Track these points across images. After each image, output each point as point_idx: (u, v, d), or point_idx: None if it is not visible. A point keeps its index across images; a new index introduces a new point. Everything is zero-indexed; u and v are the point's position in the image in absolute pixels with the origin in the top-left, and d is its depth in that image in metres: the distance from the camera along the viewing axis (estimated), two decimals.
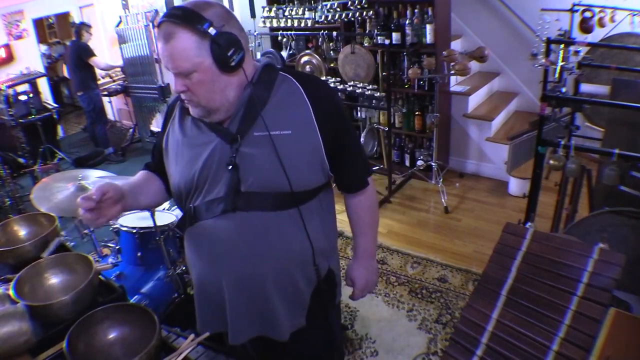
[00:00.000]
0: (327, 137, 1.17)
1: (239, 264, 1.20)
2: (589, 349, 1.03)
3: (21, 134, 4.36)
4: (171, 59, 1.03)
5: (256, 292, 1.22)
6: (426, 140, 4.05)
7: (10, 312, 1.15)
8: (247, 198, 1.15)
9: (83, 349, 1.12)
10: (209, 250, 1.23)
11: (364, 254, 1.42)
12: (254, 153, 1.13)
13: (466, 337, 1.20)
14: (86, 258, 1.42)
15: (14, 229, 1.72)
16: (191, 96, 1.10)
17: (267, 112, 1.13)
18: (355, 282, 1.44)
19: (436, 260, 3.00)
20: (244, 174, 1.14)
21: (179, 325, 1.89)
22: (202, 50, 1.02)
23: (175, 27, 1.01)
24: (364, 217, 1.39)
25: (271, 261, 1.20)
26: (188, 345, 1.17)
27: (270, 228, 1.18)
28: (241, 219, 1.16)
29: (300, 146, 1.15)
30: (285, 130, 1.13)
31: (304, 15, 3.77)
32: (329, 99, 1.21)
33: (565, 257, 1.21)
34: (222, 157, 1.14)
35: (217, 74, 1.06)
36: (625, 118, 2.04)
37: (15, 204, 3.86)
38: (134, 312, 1.22)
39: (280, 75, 1.18)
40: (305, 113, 1.15)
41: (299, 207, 1.17)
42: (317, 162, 1.19)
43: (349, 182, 1.34)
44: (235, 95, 1.12)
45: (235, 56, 1.04)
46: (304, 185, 1.17)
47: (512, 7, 4.10)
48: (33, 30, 6.29)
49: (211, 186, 1.17)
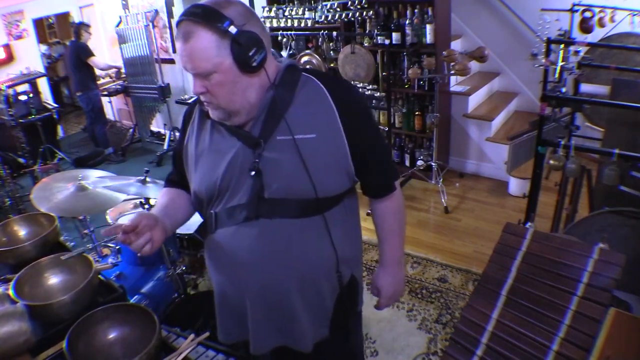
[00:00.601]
0: (353, 141, 1.12)
1: (262, 272, 1.16)
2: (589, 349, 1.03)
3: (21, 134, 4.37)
4: (190, 59, 0.99)
5: (279, 302, 1.19)
6: (426, 140, 4.04)
7: (10, 312, 1.14)
8: (270, 205, 1.11)
9: (83, 349, 1.12)
10: (231, 259, 1.19)
11: (390, 262, 1.36)
12: (278, 158, 1.08)
13: (466, 337, 1.20)
14: (86, 258, 1.42)
15: (14, 229, 1.72)
16: (211, 98, 1.05)
17: (291, 114, 1.09)
18: (382, 291, 1.37)
19: (436, 260, 3.00)
20: (267, 180, 1.09)
21: (179, 325, 1.89)
22: (223, 49, 0.98)
23: (195, 25, 0.97)
24: (391, 223, 1.33)
25: (295, 270, 1.16)
26: (188, 345, 1.17)
27: (294, 236, 1.14)
28: (264, 226, 1.12)
29: (326, 150, 1.10)
30: (309, 134, 1.08)
31: (304, 15, 3.77)
32: (355, 101, 1.17)
33: (565, 257, 1.21)
34: (244, 162, 1.10)
35: (238, 75, 1.02)
36: (625, 118, 2.04)
37: (15, 204, 3.86)
38: (134, 312, 1.22)
39: (302, 76, 1.13)
40: (330, 115, 1.10)
41: (323, 213, 1.14)
42: (342, 167, 1.14)
43: (375, 187, 1.28)
44: (256, 97, 1.08)
45: (257, 56, 1.00)
46: (329, 191, 1.13)
47: (512, 7, 4.10)
48: (33, 30, 6.29)
49: (233, 192, 1.13)
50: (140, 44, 5.28)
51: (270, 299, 1.18)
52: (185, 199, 1.31)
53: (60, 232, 1.71)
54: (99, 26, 6.24)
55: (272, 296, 1.18)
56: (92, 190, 2.17)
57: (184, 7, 5.15)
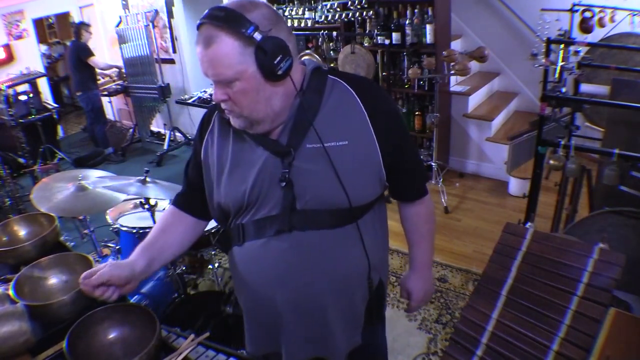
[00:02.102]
0: (385, 146, 1.07)
1: (296, 285, 1.12)
2: (589, 349, 1.03)
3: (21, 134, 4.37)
4: (211, 65, 0.94)
5: (313, 313, 1.15)
6: (426, 140, 4.05)
7: (9, 311, 1.14)
8: (303, 216, 1.06)
9: (83, 349, 1.12)
10: (262, 271, 1.14)
11: (421, 265, 1.34)
12: (309, 168, 1.03)
13: (466, 337, 1.20)
14: (86, 258, 1.42)
15: (14, 229, 1.72)
16: (232, 106, 1.00)
17: (320, 121, 1.03)
18: (412, 293, 1.36)
19: (436, 260, 3.00)
20: (299, 191, 1.04)
21: (179, 325, 1.89)
22: (246, 56, 0.92)
23: (217, 30, 0.91)
24: (422, 227, 1.31)
25: (330, 280, 1.13)
26: (188, 345, 1.17)
27: (328, 246, 1.10)
28: (297, 238, 1.08)
29: (358, 157, 1.05)
30: (341, 141, 1.03)
31: (304, 15, 3.77)
32: (386, 104, 1.12)
33: (565, 257, 1.21)
34: (273, 172, 1.04)
35: (262, 83, 0.96)
36: (625, 118, 2.04)
37: (15, 204, 3.86)
38: (134, 312, 1.22)
39: (329, 79, 1.07)
40: (362, 121, 1.05)
41: (357, 222, 1.10)
42: (375, 174, 1.10)
43: (406, 192, 1.25)
44: (281, 105, 1.02)
45: (283, 64, 0.94)
46: (362, 199, 1.09)
47: (512, 7, 4.10)
48: (33, 30, 6.30)
49: (262, 204, 1.08)
50: (140, 44, 5.28)
51: (303, 310, 1.15)
52: (185, 227, 1.26)
53: (60, 232, 1.70)
54: (99, 26, 6.25)
55: (306, 308, 1.15)
56: (92, 190, 2.18)
57: (184, 7, 5.15)
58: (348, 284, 1.16)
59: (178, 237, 1.26)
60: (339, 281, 1.14)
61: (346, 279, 1.15)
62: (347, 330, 1.20)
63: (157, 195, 2.11)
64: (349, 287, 1.16)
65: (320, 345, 1.19)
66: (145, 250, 1.19)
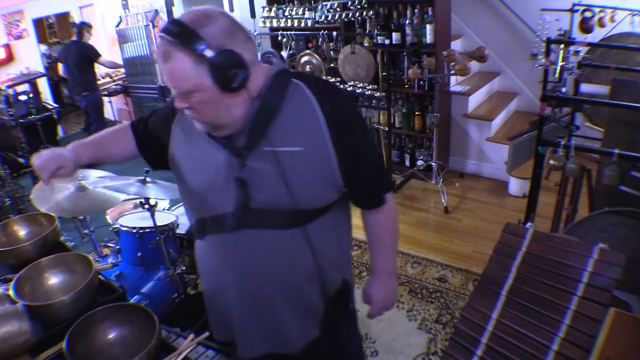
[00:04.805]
0: (341, 152, 1.08)
1: (247, 281, 1.18)
2: (589, 349, 1.03)
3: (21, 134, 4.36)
4: (170, 78, 0.98)
5: (264, 309, 1.20)
6: (426, 140, 4.04)
7: (9, 311, 1.14)
8: (256, 215, 1.10)
9: (83, 349, 1.12)
10: (218, 265, 1.21)
11: (381, 273, 1.35)
12: (263, 169, 1.07)
13: (466, 337, 1.20)
14: (86, 258, 1.42)
15: (14, 229, 1.72)
16: (194, 114, 1.03)
17: (277, 125, 1.06)
18: (372, 300, 1.37)
19: (436, 260, 3.00)
20: (253, 191, 1.08)
21: (179, 325, 1.89)
22: (201, 71, 0.95)
23: (171, 46, 0.94)
24: (382, 236, 1.31)
25: (279, 278, 1.18)
26: (188, 345, 1.17)
27: (277, 246, 1.14)
28: (250, 236, 1.13)
29: (311, 164, 1.07)
30: (295, 147, 1.05)
31: (304, 15, 3.77)
32: (344, 110, 1.12)
33: (565, 257, 1.21)
34: (230, 171, 1.09)
35: (219, 94, 0.99)
36: (625, 118, 2.04)
37: (15, 204, 3.85)
38: (134, 312, 1.22)
39: (292, 83, 1.09)
40: (318, 128, 1.06)
41: (306, 225, 1.13)
42: (329, 180, 1.11)
43: (363, 199, 1.25)
44: (242, 111, 1.04)
45: (237, 77, 0.96)
46: (313, 203, 1.12)
47: (512, 7, 4.10)
48: (33, 30, 6.29)
49: (220, 200, 1.12)
50: (140, 44, 5.28)
51: (255, 307, 1.20)
52: (128, 142, 1.34)
53: (60, 232, 1.71)
54: (99, 26, 6.24)
55: (258, 303, 1.20)
56: (92, 190, 2.18)
57: (184, 7, 5.15)
58: (298, 283, 1.19)
59: (123, 145, 1.36)
60: (288, 281, 1.18)
61: (295, 279, 1.19)
62: (301, 325, 1.24)
63: (157, 195, 2.11)
64: (299, 287, 1.20)
65: (274, 341, 1.24)
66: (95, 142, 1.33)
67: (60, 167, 1.21)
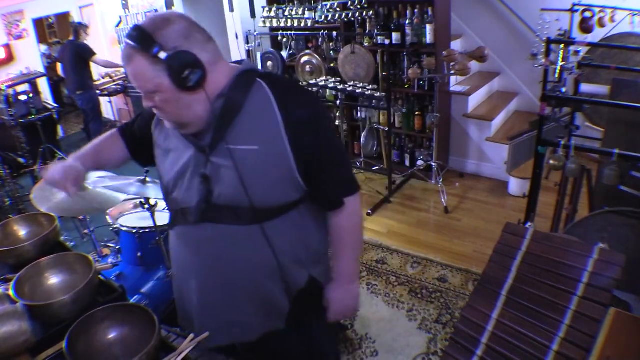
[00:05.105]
0: (299, 153, 1.11)
1: (208, 273, 1.23)
2: (589, 349, 1.03)
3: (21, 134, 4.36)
4: (133, 79, 1.05)
5: (224, 301, 1.25)
6: (426, 140, 4.05)
7: (9, 311, 1.14)
8: (217, 210, 1.16)
9: (83, 349, 1.12)
10: (182, 257, 1.29)
11: (341, 277, 1.35)
12: (223, 166, 1.12)
13: (466, 337, 1.20)
14: (86, 258, 1.42)
15: (14, 229, 1.71)
16: (160, 112, 1.10)
17: (238, 124, 1.10)
18: (330, 304, 1.36)
19: (436, 260, 3.00)
20: (214, 186, 1.14)
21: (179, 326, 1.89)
22: (159, 72, 1.01)
23: (132, 50, 1.01)
24: (342, 238, 1.31)
25: (239, 272, 1.22)
26: (188, 345, 1.17)
27: (237, 241, 1.18)
28: (211, 230, 1.18)
29: (267, 163, 1.10)
30: (252, 146, 1.09)
31: (304, 15, 3.77)
32: (304, 110, 1.13)
33: (565, 257, 1.21)
34: (196, 167, 1.15)
35: (179, 93, 1.04)
36: (625, 118, 2.04)
37: (15, 204, 3.86)
38: (134, 312, 1.22)
39: (257, 83, 1.12)
40: (276, 128, 1.09)
41: (265, 222, 1.16)
42: (286, 179, 1.14)
43: (323, 201, 1.26)
44: (203, 110, 1.09)
45: (192, 76, 1.02)
46: (268, 202, 1.15)
47: (512, 7, 4.10)
48: (33, 30, 6.29)
49: (187, 194, 1.19)
50: None
51: (215, 298, 1.25)
52: (120, 148, 1.43)
53: (60, 232, 1.70)
54: (99, 26, 6.24)
55: (218, 296, 1.25)
56: (92, 190, 2.17)
57: (184, 7, 5.16)
58: (257, 279, 1.23)
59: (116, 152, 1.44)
60: (247, 276, 1.23)
61: (254, 274, 1.23)
62: (262, 319, 1.28)
63: (157, 195, 2.10)
64: (259, 282, 1.24)
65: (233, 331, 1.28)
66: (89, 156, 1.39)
67: (77, 178, 1.28)
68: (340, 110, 3.96)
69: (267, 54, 4.14)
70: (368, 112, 3.98)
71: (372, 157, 4.29)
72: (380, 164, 4.23)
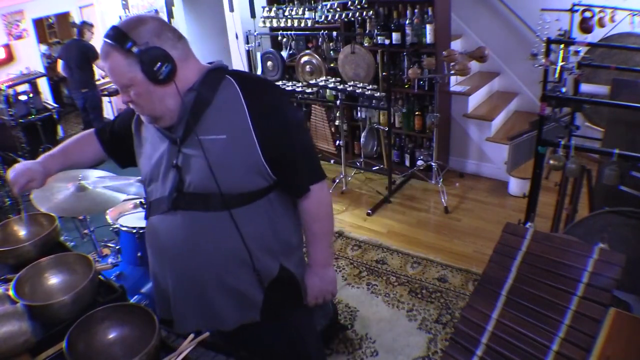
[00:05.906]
0: (264, 141, 1.19)
1: (181, 260, 1.29)
2: (589, 349, 1.03)
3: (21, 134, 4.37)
4: (111, 74, 1.15)
5: (197, 288, 1.30)
6: (426, 140, 4.05)
7: (9, 312, 1.14)
8: (188, 198, 1.23)
9: (83, 349, 1.12)
10: (157, 245, 1.34)
11: (315, 263, 1.42)
12: (194, 155, 1.20)
13: (466, 337, 1.20)
14: (86, 258, 1.42)
15: (14, 229, 1.71)
16: (135, 106, 1.19)
17: (208, 116, 1.19)
18: (308, 289, 1.43)
19: (436, 260, 3.00)
20: (185, 176, 1.22)
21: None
22: (132, 66, 1.10)
23: (109, 47, 1.11)
24: (312, 225, 1.37)
25: (210, 259, 1.27)
26: (188, 345, 1.17)
27: (206, 228, 1.25)
28: (182, 218, 1.25)
29: (234, 150, 1.18)
30: (220, 135, 1.18)
31: (304, 15, 3.77)
32: (267, 102, 1.22)
33: (565, 257, 1.21)
34: (170, 158, 1.23)
35: (151, 86, 1.13)
36: (625, 118, 2.04)
37: (15, 204, 3.86)
38: (134, 312, 1.22)
39: (226, 79, 1.21)
40: (242, 119, 1.18)
41: (234, 209, 1.22)
42: (252, 167, 1.21)
43: (290, 187, 1.33)
44: (174, 103, 1.18)
45: (163, 69, 1.11)
46: (236, 188, 1.22)
47: (512, 7, 4.10)
48: (33, 30, 6.29)
49: (161, 184, 1.27)
50: None
51: (188, 285, 1.31)
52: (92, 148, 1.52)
53: (60, 232, 1.70)
54: (99, 26, 6.24)
55: (191, 283, 1.30)
56: (92, 190, 2.17)
57: (184, 7, 5.16)
58: (227, 265, 1.28)
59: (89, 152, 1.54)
60: (217, 262, 1.28)
61: (224, 260, 1.28)
62: (234, 307, 1.32)
63: None
64: (229, 269, 1.28)
65: (207, 318, 1.32)
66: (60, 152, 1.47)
67: (30, 180, 1.37)
68: (340, 110, 3.96)
69: (267, 54, 4.14)
70: (368, 112, 3.98)
71: (372, 157, 4.30)
72: (380, 164, 4.23)
